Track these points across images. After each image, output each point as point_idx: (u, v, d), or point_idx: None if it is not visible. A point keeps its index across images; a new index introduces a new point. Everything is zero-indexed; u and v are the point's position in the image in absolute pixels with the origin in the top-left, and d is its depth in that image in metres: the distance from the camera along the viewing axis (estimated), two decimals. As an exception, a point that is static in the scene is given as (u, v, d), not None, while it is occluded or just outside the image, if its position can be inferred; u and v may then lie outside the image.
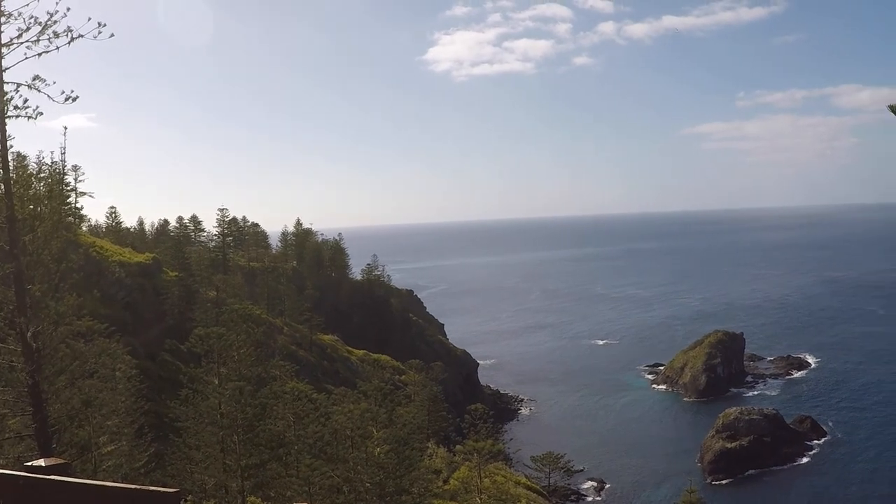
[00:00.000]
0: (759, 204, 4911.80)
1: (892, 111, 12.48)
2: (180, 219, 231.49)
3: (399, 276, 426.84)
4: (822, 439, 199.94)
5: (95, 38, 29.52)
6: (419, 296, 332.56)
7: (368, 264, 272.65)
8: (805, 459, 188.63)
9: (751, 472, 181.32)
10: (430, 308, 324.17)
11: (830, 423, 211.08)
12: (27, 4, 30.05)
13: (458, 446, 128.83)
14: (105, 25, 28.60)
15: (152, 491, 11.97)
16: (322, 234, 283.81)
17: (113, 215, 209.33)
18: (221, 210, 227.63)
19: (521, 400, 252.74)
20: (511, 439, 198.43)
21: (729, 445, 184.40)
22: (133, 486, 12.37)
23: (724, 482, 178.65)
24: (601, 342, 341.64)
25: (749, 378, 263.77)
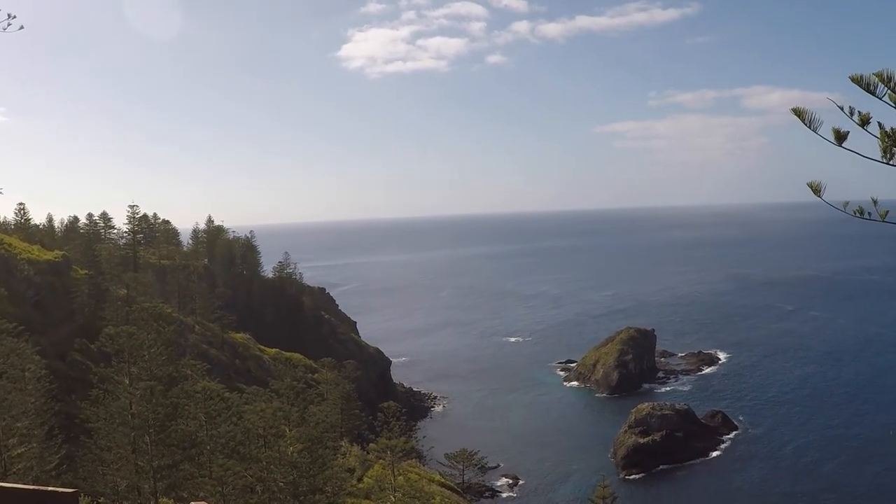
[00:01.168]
0: (670, 202, 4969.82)
1: (796, 114, 12.75)
2: (90, 216, 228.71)
3: (311, 273, 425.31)
4: (734, 433, 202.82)
5: (4, 30, 28.89)
6: (331, 293, 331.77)
7: (280, 262, 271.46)
8: (717, 453, 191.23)
9: (663, 466, 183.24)
10: (343, 306, 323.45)
11: (741, 418, 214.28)
12: None
13: (371, 444, 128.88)
14: (14, 17, 27.96)
15: (50, 492, 12.21)
16: (234, 231, 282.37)
17: (22, 212, 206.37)
18: (132, 207, 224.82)
19: (435, 397, 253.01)
20: (424, 437, 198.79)
21: (641, 440, 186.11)
22: (31, 487, 12.56)
23: (637, 477, 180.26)
24: (513, 339, 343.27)
25: (661, 374, 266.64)
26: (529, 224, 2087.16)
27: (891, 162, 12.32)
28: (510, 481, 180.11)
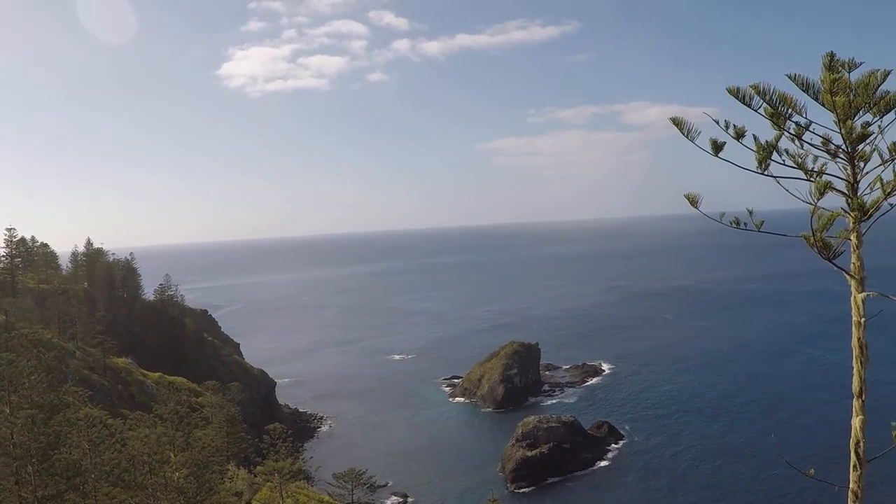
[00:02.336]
0: (555, 217, 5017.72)
1: (675, 124, 13.15)
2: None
3: (193, 295, 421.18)
4: (620, 443, 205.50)
5: None
6: (214, 315, 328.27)
7: (161, 284, 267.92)
8: (604, 463, 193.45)
9: (552, 479, 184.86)
10: (226, 327, 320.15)
11: (627, 427, 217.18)
12: None
13: (258, 467, 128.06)
14: None
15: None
16: (113, 253, 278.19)
17: None
18: (9, 230, 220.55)
19: (321, 418, 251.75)
20: (312, 457, 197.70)
21: (529, 454, 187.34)
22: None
23: (526, 490, 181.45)
24: (398, 357, 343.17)
25: (546, 387, 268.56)
26: (415, 241, 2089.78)
27: (766, 172, 12.74)
28: (400, 499, 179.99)
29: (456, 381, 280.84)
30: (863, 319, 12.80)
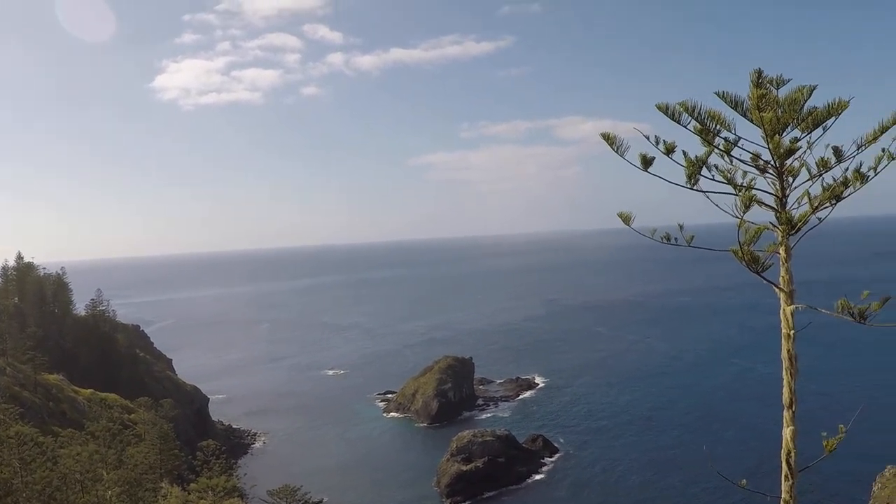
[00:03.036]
0: (489, 232, 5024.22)
1: (606, 139, 13.31)
2: None
3: (125, 311, 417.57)
4: (555, 456, 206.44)
5: None
6: (146, 331, 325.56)
7: (93, 299, 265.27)
8: (540, 476, 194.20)
9: (488, 493, 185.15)
10: (158, 343, 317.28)
11: (561, 440, 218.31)
12: None
13: (192, 484, 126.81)
14: None
15: None
16: (44, 268, 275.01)
17: None
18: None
19: (254, 434, 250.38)
20: (246, 474, 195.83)
21: (464, 468, 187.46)
22: None
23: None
24: (331, 372, 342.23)
25: (480, 401, 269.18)
26: (351, 255, 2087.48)
27: (695, 187, 12.91)
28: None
29: (390, 395, 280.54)
30: (792, 332, 13.00)
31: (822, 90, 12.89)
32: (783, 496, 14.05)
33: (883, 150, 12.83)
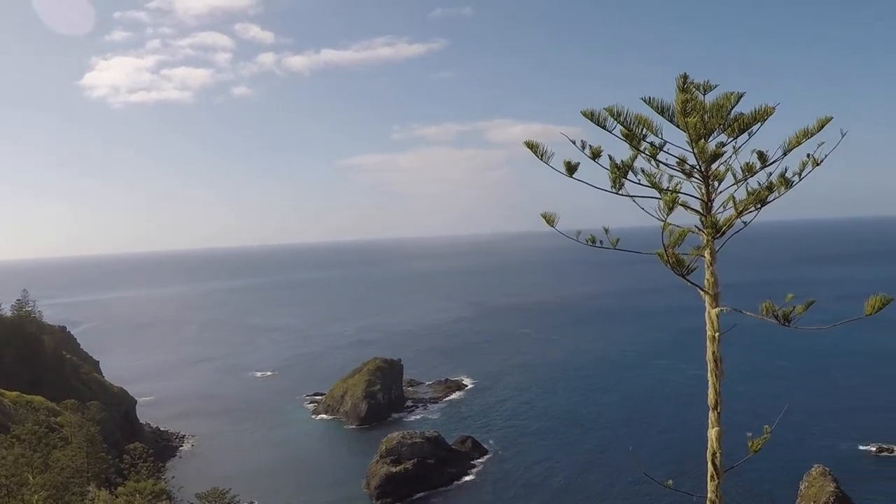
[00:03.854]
0: (419, 234, 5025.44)
1: (529, 147, 13.41)
2: None
3: (51, 311, 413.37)
4: (485, 457, 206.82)
5: None
6: (73, 332, 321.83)
7: (18, 300, 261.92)
8: (469, 478, 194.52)
9: (418, 494, 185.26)
10: (85, 345, 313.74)
11: (491, 442, 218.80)
12: None
13: (119, 488, 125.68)
14: None
15: None
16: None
17: None
18: None
19: (182, 436, 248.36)
20: (174, 477, 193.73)
21: (394, 470, 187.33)
22: None
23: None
24: (260, 374, 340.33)
25: (409, 403, 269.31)
26: (281, 256, 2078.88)
27: (622, 192, 13.04)
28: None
29: (319, 397, 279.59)
30: (717, 334, 13.18)
31: (749, 97, 13.07)
32: (709, 496, 14.23)
33: (808, 155, 13.02)
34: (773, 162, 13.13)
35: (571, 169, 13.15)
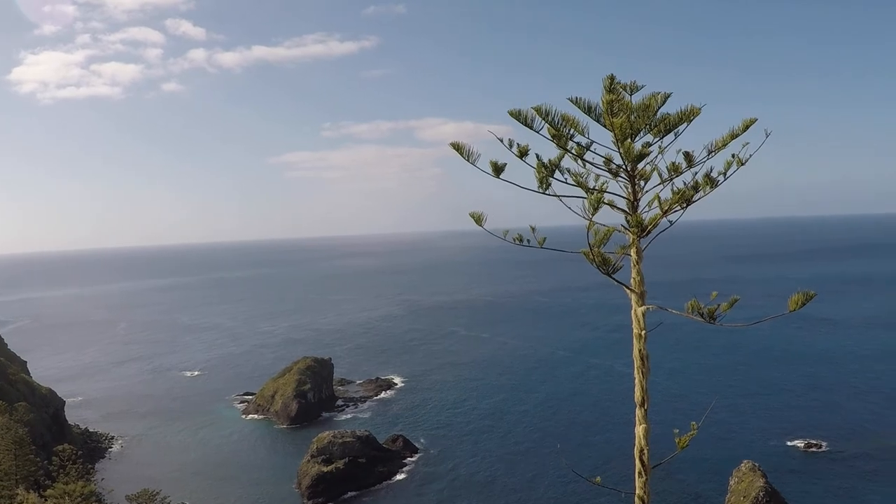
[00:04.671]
0: (350, 232, 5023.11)
1: (455, 148, 13.49)
2: None
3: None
4: (416, 455, 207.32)
5: None
6: (0, 332, 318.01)
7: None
8: (401, 476, 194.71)
9: (349, 494, 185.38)
10: (12, 344, 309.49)
11: (422, 440, 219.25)
12: None
13: (48, 490, 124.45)
14: None
15: None
16: None
17: None
18: None
19: (112, 437, 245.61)
20: (104, 479, 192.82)
21: (325, 469, 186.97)
22: None
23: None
24: (189, 374, 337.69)
25: (340, 402, 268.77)
26: (206, 255, 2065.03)
27: (548, 191, 13.13)
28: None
29: (249, 397, 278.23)
30: (643, 332, 13.34)
31: (675, 98, 13.23)
32: (637, 492, 14.39)
33: (733, 155, 13.21)
34: (700, 162, 13.30)
35: (498, 169, 13.24)
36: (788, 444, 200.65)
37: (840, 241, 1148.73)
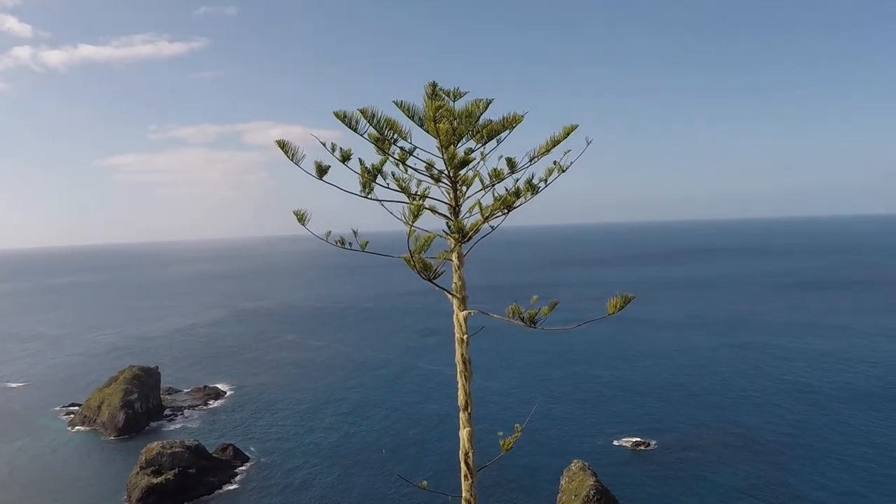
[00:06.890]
0: (178, 237, 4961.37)
1: (280, 146, 13.49)
2: None
3: None
4: (246, 464, 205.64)
5: None
6: None
7: None
8: (233, 486, 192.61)
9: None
10: None
11: (252, 449, 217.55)
12: None
13: None
14: None
15: None
16: None
17: None
18: None
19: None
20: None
21: (155, 480, 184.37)
22: None
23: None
24: (12, 385, 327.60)
25: (168, 411, 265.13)
26: (28, 261, 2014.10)
27: (371, 196, 13.19)
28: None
29: (75, 408, 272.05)
30: (466, 336, 13.47)
31: (497, 104, 13.39)
32: (464, 495, 14.54)
33: (555, 162, 13.43)
34: (522, 169, 13.49)
35: (322, 171, 13.23)
36: (616, 443, 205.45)
37: (655, 248, 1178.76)
